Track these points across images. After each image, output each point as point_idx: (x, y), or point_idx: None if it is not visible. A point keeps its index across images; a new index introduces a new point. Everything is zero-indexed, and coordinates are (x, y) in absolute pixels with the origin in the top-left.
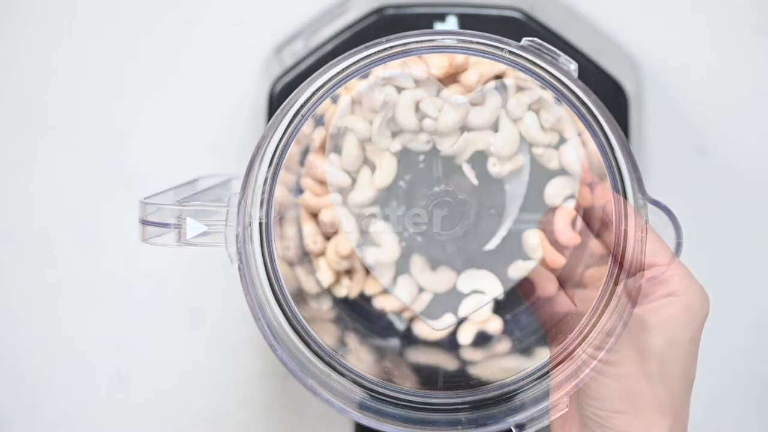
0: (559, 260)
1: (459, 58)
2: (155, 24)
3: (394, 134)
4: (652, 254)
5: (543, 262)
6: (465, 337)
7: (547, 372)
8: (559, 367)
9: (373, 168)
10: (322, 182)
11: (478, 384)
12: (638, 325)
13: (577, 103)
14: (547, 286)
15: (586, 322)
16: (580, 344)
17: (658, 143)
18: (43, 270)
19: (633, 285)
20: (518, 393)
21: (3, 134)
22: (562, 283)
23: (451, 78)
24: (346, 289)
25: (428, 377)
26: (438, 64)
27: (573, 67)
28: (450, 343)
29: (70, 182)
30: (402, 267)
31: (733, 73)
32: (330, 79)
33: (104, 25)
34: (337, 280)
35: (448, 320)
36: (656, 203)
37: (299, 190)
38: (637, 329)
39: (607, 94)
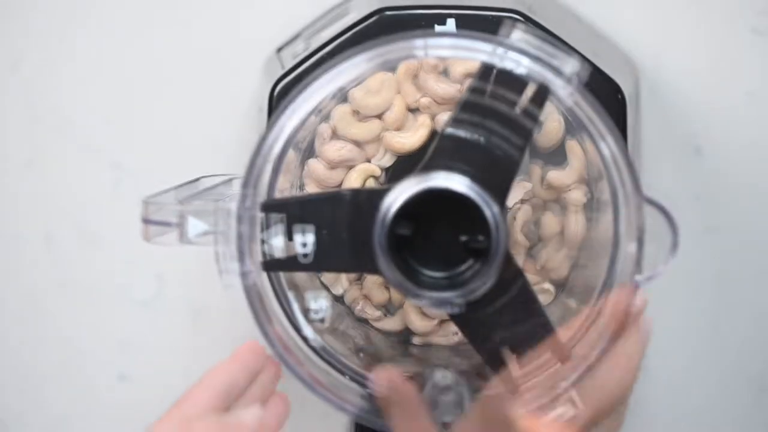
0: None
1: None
2: (156, 25)
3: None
4: None
5: None
6: None
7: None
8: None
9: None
10: (322, 184)
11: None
12: None
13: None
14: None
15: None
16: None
17: (655, 143)
18: (45, 269)
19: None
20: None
21: (5, 134)
22: None
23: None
24: (343, 288)
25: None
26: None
27: (569, 68)
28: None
29: (72, 182)
30: None
31: (729, 74)
32: (330, 80)
33: (106, 26)
34: (337, 279)
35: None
36: (653, 202)
37: (300, 190)
38: None
39: (605, 95)
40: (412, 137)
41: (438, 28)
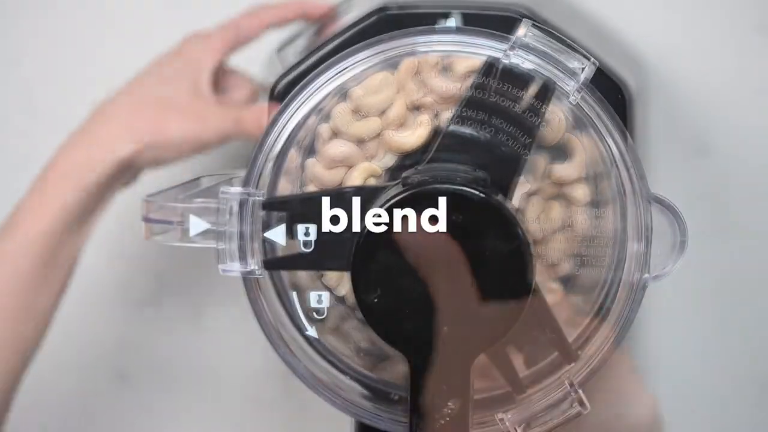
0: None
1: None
2: (158, 24)
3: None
4: None
5: None
6: None
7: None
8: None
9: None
10: (322, 183)
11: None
12: None
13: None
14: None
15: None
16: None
17: (661, 142)
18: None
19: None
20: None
21: (5, 133)
22: None
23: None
24: (346, 288)
25: None
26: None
27: (574, 65)
28: None
29: None
30: None
31: (735, 72)
32: (332, 77)
33: (106, 26)
34: (340, 280)
35: None
36: (660, 201)
37: (300, 189)
38: None
39: (610, 93)
40: (411, 136)
41: (440, 25)
